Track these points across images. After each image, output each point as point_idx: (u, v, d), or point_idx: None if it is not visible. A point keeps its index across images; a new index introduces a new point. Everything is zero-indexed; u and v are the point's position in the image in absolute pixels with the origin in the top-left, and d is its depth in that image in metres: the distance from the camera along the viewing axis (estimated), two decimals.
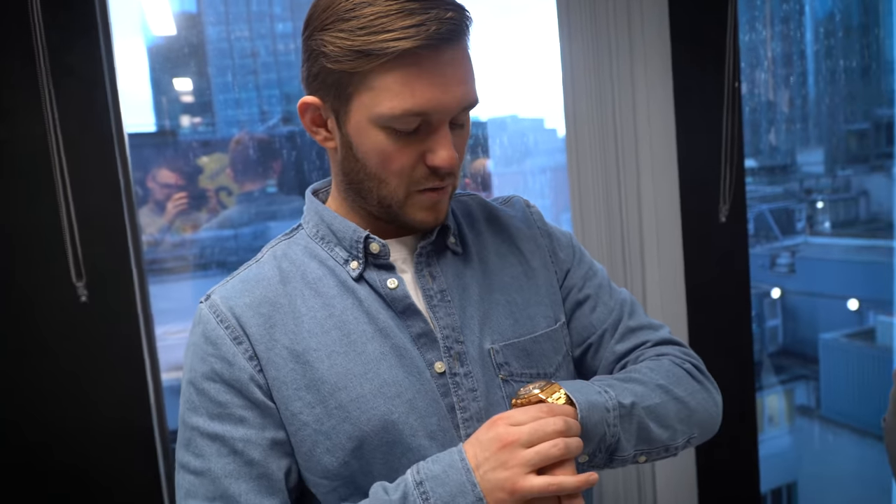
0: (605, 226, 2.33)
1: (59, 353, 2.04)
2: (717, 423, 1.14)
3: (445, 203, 1.03)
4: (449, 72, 0.92)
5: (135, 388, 2.09)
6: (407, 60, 0.90)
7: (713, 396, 1.13)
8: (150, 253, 2.92)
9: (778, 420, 4.68)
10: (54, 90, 1.96)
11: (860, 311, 4.45)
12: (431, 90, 0.91)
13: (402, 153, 0.95)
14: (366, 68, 0.91)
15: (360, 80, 0.92)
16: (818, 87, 4.05)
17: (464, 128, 1.01)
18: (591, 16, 2.24)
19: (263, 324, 1.01)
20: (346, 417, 0.98)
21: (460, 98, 0.94)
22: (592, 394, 0.97)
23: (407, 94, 0.91)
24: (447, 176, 0.99)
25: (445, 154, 0.95)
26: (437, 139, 0.95)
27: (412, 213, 1.00)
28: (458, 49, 0.94)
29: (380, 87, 0.92)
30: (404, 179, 0.97)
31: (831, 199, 4.48)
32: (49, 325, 2.03)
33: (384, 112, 0.92)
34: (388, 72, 0.91)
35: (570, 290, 1.18)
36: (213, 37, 3.31)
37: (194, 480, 0.98)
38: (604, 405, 0.96)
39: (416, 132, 0.95)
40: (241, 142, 2.96)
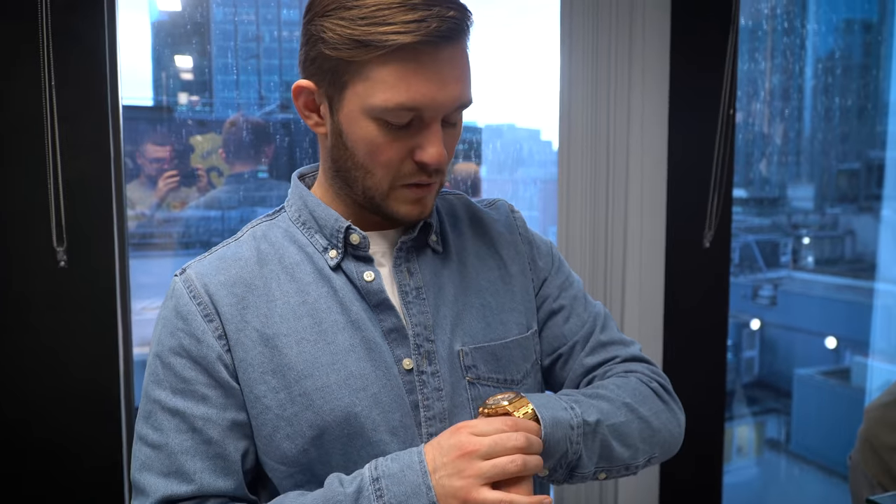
0: (590, 241, 2.34)
1: (33, 314, 2.03)
2: (679, 443, 1.14)
3: (431, 199, 1.03)
4: (446, 70, 0.92)
5: (105, 356, 2.08)
6: (405, 55, 0.90)
7: (677, 417, 1.13)
8: (138, 228, 2.91)
9: (746, 451, 4.69)
10: (53, 53, 1.95)
11: (837, 349, 4.47)
12: (427, 86, 0.91)
13: (392, 146, 0.95)
14: (363, 58, 0.91)
15: (357, 69, 0.92)
16: (813, 124, 4.07)
17: (456, 127, 1.01)
18: (592, 33, 2.25)
19: (236, 304, 1.00)
20: (309, 405, 0.97)
21: (455, 97, 0.94)
22: (559, 410, 0.97)
23: (402, 88, 0.91)
24: (435, 173, 0.99)
25: (435, 151, 0.95)
26: (427, 136, 0.95)
27: (395, 206, 1.00)
28: (457, 48, 0.94)
29: (375, 78, 0.91)
30: (390, 172, 0.97)
31: (818, 235, 4.51)
32: (26, 287, 2.02)
33: (377, 104, 0.92)
34: (385, 64, 0.90)
35: (546, 298, 1.18)
36: (218, 17, 3.31)
37: (151, 454, 0.98)
38: (568, 422, 0.96)
39: (408, 127, 0.94)
40: (236, 124, 2.96)
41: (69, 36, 1.98)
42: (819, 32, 3.96)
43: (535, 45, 2.34)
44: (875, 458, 1.75)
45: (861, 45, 3.99)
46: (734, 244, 4.53)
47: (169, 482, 0.96)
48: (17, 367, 2.04)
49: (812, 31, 3.94)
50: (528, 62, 2.80)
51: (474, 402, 1.04)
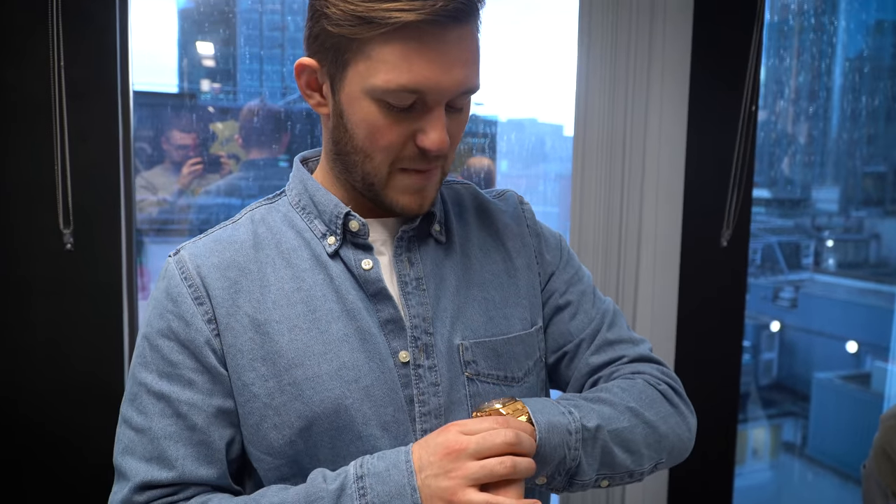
0: (603, 237, 2.32)
1: (37, 296, 2.05)
2: (689, 448, 1.10)
3: (432, 189, 1.00)
4: (452, 52, 0.89)
5: (109, 339, 2.10)
6: (408, 34, 0.86)
7: (687, 421, 1.09)
8: (161, 214, 2.94)
9: (762, 453, 4.65)
10: (63, 34, 1.96)
11: (858, 354, 4.41)
12: (430, 68, 0.88)
13: (392, 129, 0.92)
14: (365, 36, 0.88)
15: (359, 47, 0.89)
16: (840, 124, 4.02)
17: (462, 112, 0.97)
18: (611, 26, 2.24)
19: (228, 288, 0.99)
20: (299, 395, 0.95)
21: (460, 81, 0.91)
22: (555, 414, 0.94)
23: (404, 68, 0.88)
24: (435, 159, 0.96)
25: (437, 136, 0.92)
26: (430, 120, 0.92)
27: (395, 196, 0.97)
28: (465, 30, 0.90)
29: (377, 57, 0.88)
30: (390, 156, 0.94)
31: (842, 238, 4.45)
32: (31, 269, 2.04)
33: (378, 84, 0.89)
34: (388, 43, 0.87)
35: (553, 293, 1.15)
36: (244, 6, 3.33)
37: (134, 437, 0.96)
38: (566, 427, 0.93)
39: (410, 110, 0.91)
40: (254, 110, 2.97)
41: (80, 17, 1.98)
42: (849, 31, 3.90)
43: (559, 39, 2.33)
44: (890, 467, 1.73)
45: (891, 46, 3.93)
46: (756, 245, 4.50)
47: (150, 467, 0.95)
48: (21, 349, 2.06)
49: (841, 29, 3.89)
50: (552, 56, 2.78)
51: (472, 399, 1.02)
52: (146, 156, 2.95)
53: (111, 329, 2.09)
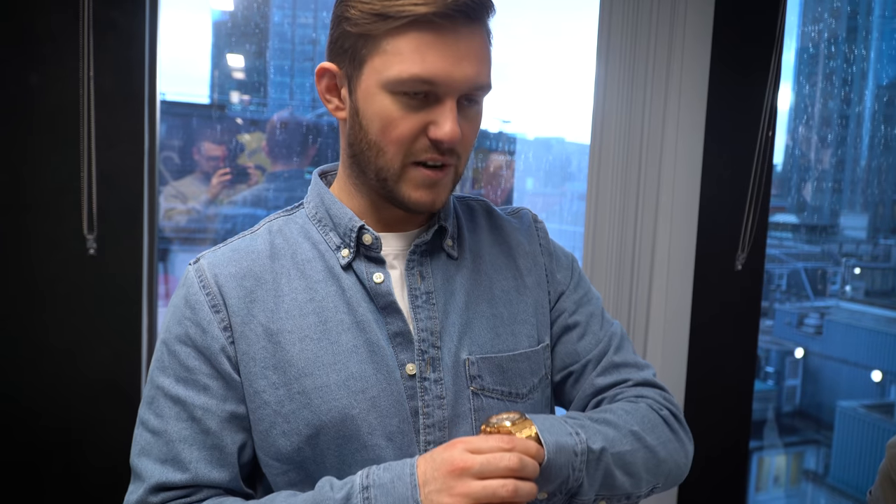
0: (616, 257, 2.32)
1: (60, 300, 2.10)
2: (685, 473, 1.11)
3: (445, 187, 1.02)
4: (462, 46, 0.93)
5: (128, 343, 2.14)
6: (422, 27, 0.91)
7: (685, 447, 1.10)
8: (189, 222, 2.99)
9: (782, 481, 4.60)
10: (93, 43, 2.01)
11: (883, 383, 4.35)
12: (443, 60, 0.92)
13: (405, 121, 0.95)
14: (381, 30, 0.92)
15: (374, 43, 0.94)
16: (871, 152, 3.99)
17: (474, 112, 1.01)
18: (630, 48, 2.25)
19: (244, 297, 1.01)
20: (307, 404, 0.98)
21: (470, 75, 0.94)
22: (563, 435, 0.95)
23: (417, 59, 0.92)
24: (448, 153, 0.98)
25: (449, 128, 0.94)
26: (442, 111, 0.95)
27: (408, 191, 0.99)
28: (476, 28, 0.95)
29: (392, 50, 0.93)
30: (402, 148, 0.97)
31: (869, 266, 4.40)
32: (54, 272, 2.08)
33: (393, 76, 0.93)
34: (402, 35, 0.92)
35: (562, 313, 1.16)
36: (277, 19, 3.38)
37: (150, 439, 1.00)
38: (572, 448, 0.94)
39: (423, 104, 0.95)
40: (282, 122, 3.02)
41: (110, 26, 2.03)
42: (879, 58, 3.88)
43: (585, 59, 2.35)
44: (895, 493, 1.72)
45: None
46: (782, 270, 4.47)
47: (165, 469, 0.98)
48: (41, 350, 2.10)
49: (872, 58, 3.86)
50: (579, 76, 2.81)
51: (477, 413, 1.03)
52: (174, 165, 3.01)
53: (130, 334, 2.13)
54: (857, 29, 3.89)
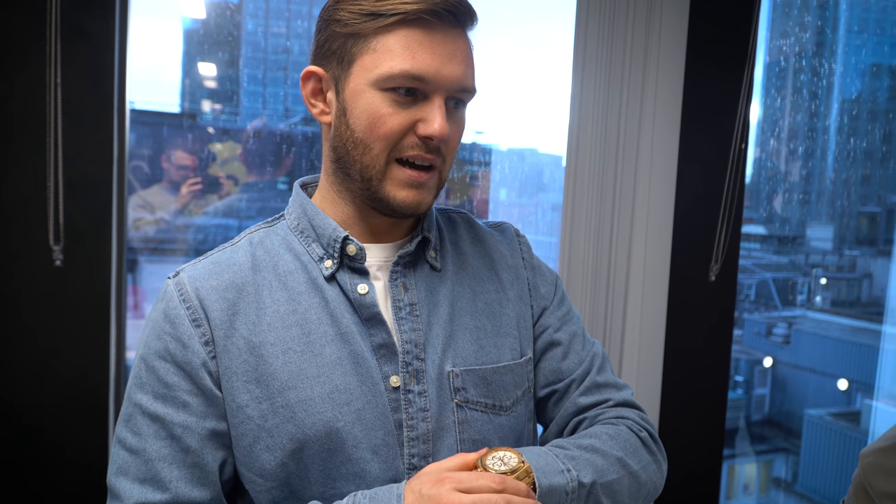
0: (592, 268, 2.34)
1: (26, 311, 2.05)
2: (660, 491, 1.14)
3: (430, 189, 1.03)
4: (451, 46, 0.96)
5: (97, 356, 2.10)
6: (411, 24, 0.94)
7: (661, 467, 1.13)
8: (158, 233, 2.95)
9: (752, 489, 4.64)
10: (61, 49, 1.98)
11: (849, 391, 4.42)
12: (432, 58, 0.95)
13: (393, 118, 0.96)
14: (371, 28, 0.95)
15: (364, 41, 0.96)
16: (836, 164, 4.05)
17: (459, 115, 1.02)
18: (606, 59, 2.27)
19: (227, 310, 1.00)
20: (291, 418, 0.97)
21: (459, 75, 0.97)
22: (555, 474, 0.96)
23: (408, 56, 0.94)
24: (434, 152, 0.99)
25: (439, 124, 0.96)
26: (431, 109, 0.97)
27: (393, 191, 1.00)
28: (462, 33, 0.98)
29: (382, 48, 0.95)
30: (388, 145, 0.98)
31: (835, 276, 4.47)
32: (20, 283, 2.04)
33: (383, 72, 0.95)
34: (392, 33, 0.94)
35: (546, 328, 1.17)
36: (250, 28, 3.36)
37: (128, 458, 0.98)
38: (563, 489, 0.95)
39: (412, 101, 0.96)
40: (255, 132, 2.99)
41: (78, 33, 2.00)
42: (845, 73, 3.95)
43: (561, 73, 2.36)
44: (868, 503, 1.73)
45: (886, 89, 3.97)
46: (751, 280, 4.52)
47: (144, 489, 0.96)
48: (8, 364, 2.05)
49: (838, 72, 3.93)
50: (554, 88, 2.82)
51: (461, 426, 1.03)
52: (143, 174, 2.97)
53: (98, 347, 2.09)
54: (825, 43, 3.96)
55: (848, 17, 4.00)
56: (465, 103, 1.03)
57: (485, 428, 1.06)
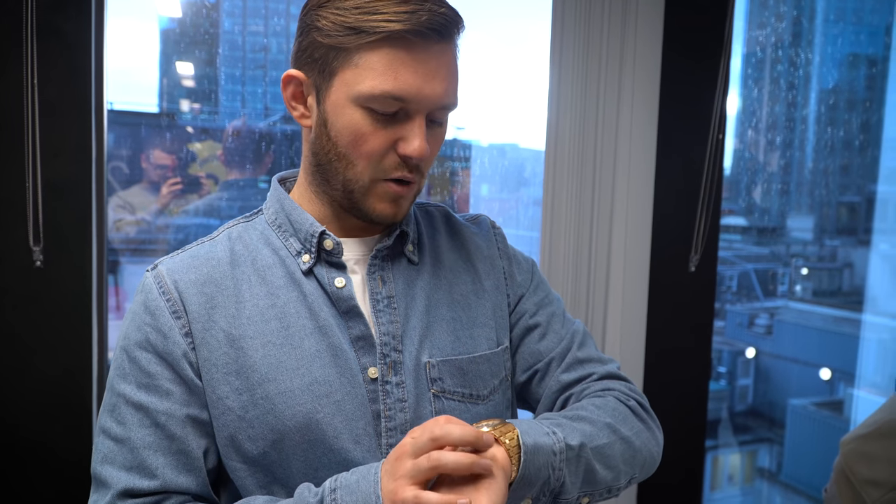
0: (573, 261, 2.35)
1: (6, 312, 2.05)
2: (658, 462, 1.13)
3: (408, 201, 1.04)
4: (434, 64, 0.95)
5: (78, 357, 2.10)
6: (395, 43, 0.93)
7: (656, 436, 1.13)
8: (139, 234, 2.94)
9: (737, 479, 4.67)
10: (37, 50, 1.97)
11: (832, 381, 4.45)
12: (414, 77, 0.94)
13: (375, 136, 0.96)
14: (354, 45, 0.93)
15: (346, 56, 0.95)
16: (815, 155, 4.08)
17: (440, 129, 1.02)
18: (582, 54, 2.28)
19: (205, 303, 1.01)
20: (271, 409, 0.98)
21: (440, 93, 0.96)
22: (540, 435, 0.95)
23: (390, 76, 0.93)
24: (415, 169, 1.00)
25: (418, 144, 0.96)
26: (412, 128, 0.96)
27: (373, 204, 1.01)
28: (447, 47, 0.97)
29: (364, 65, 0.94)
30: (372, 164, 0.98)
31: (816, 266, 4.50)
32: (1, 285, 2.04)
33: (364, 91, 0.94)
34: (375, 51, 0.93)
35: (522, 315, 1.18)
36: (227, 27, 3.35)
37: (113, 447, 0.98)
38: (550, 448, 0.95)
39: (393, 119, 0.96)
40: (235, 131, 2.99)
41: (54, 34, 1.99)
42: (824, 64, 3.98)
43: (539, 67, 2.37)
44: (851, 491, 1.74)
45: (864, 78, 4.00)
46: (732, 272, 4.54)
47: (131, 476, 0.96)
48: None
49: (816, 62, 3.96)
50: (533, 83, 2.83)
51: (438, 416, 1.03)
52: (123, 175, 2.95)
53: (80, 348, 2.09)
54: (802, 33, 3.98)
55: (825, 6, 4.02)
56: (447, 117, 1.03)
57: (462, 417, 1.05)
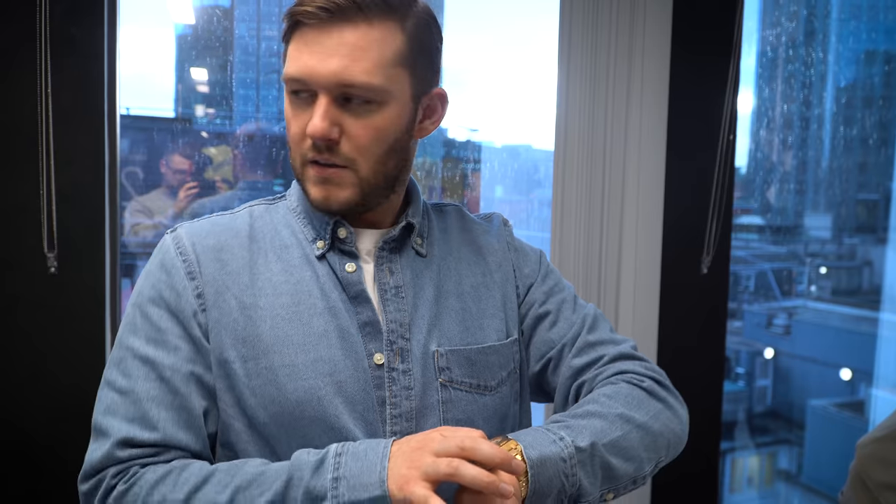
0: (583, 263, 2.33)
1: (21, 318, 2.06)
2: (684, 439, 1.11)
3: (341, 186, 1.02)
4: (332, 44, 0.96)
5: (92, 363, 2.10)
6: (301, 28, 0.97)
7: (678, 413, 1.10)
8: (156, 238, 2.96)
9: (756, 481, 4.64)
10: (51, 58, 1.99)
11: (852, 381, 4.41)
12: (310, 57, 0.96)
13: (294, 120, 1.01)
14: (286, 36, 1.00)
15: (285, 47, 1.01)
16: (832, 153, 4.05)
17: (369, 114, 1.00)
18: (591, 55, 2.27)
19: (220, 269, 1.04)
20: (273, 380, 0.99)
21: (336, 70, 0.96)
22: (546, 445, 0.94)
23: (294, 59, 0.98)
24: (327, 151, 1.00)
25: (315, 122, 0.97)
26: (315, 108, 0.98)
27: (308, 188, 1.04)
28: (348, 26, 0.96)
29: (287, 53, 1.00)
30: (297, 149, 1.02)
31: (834, 265, 4.46)
32: (15, 291, 2.05)
33: (284, 77, 0.99)
34: (291, 40, 0.99)
35: (532, 304, 1.18)
36: (242, 32, 3.38)
37: (117, 398, 0.99)
38: (558, 456, 0.93)
39: (306, 103, 1.00)
40: (247, 135, 3.01)
41: (67, 42, 2.01)
42: (839, 61, 3.95)
43: (550, 68, 2.37)
44: (867, 495, 1.72)
45: (881, 74, 3.97)
46: (749, 271, 4.52)
47: (132, 427, 0.97)
48: (3, 370, 2.06)
49: (832, 59, 3.93)
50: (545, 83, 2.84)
51: (445, 406, 1.04)
52: (139, 180, 2.99)
53: (94, 353, 2.10)
54: (815, 32, 3.96)
55: (839, 4, 4.00)
56: (374, 101, 1.00)
57: (469, 408, 1.07)
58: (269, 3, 3.45)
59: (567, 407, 1.12)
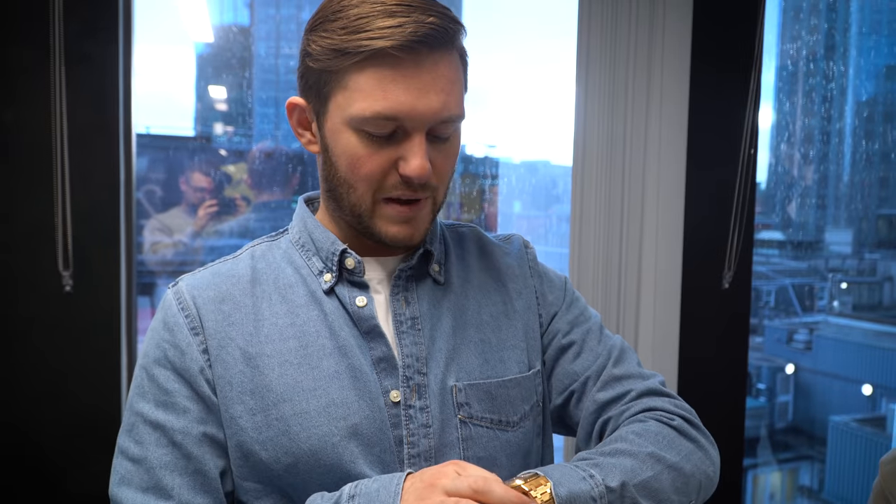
0: (602, 279, 2.32)
1: (37, 337, 2.07)
2: (716, 482, 1.06)
3: (422, 220, 1.00)
4: (426, 78, 0.90)
5: (108, 382, 2.11)
6: (381, 61, 0.88)
7: (709, 455, 1.05)
8: (176, 255, 2.97)
9: (778, 498, 4.59)
10: (66, 76, 2.00)
11: (874, 396, 4.36)
12: (406, 94, 0.89)
13: (373, 158, 0.93)
14: (341, 66, 0.90)
15: (337, 79, 0.91)
16: (853, 168, 4.03)
17: (449, 142, 0.97)
18: (610, 69, 2.26)
19: (222, 321, 0.99)
20: (286, 431, 0.95)
21: (436, 107, 0.91)
22: (576, 482, 0.90)
23: (379, 95, 0.89)
24: (422, 189, 0.96)
25: (417, 163, 0.91)
26: (410, 147, 0.92)
27: (383, 227, 0.97)
28: (441, 56, 0.91)
29: (353, 87, 0.90)
30: (372, 186, 0.94)
31: (855, 280, 4.42)
32: (31, 310, 2.05)
33: (356, 113, 0.90)
34: (362, 71, 0.89)
35: (556, 334, 1.13)
36: (260, 51, 3.40)
37: (130, 468, 0.97)
38: (589, 495, 0.89)
39: (391, 138, 0.92)
40: (264, 153, 3.02)
41: (83, 60, 2.02)
42: (859, 76, 3.93)
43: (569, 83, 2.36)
44: None
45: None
46: (770, 287, 4.49)
47: (147, 498, 0.95)
48: (20, 389, 2.06)
49: (851, 74, 3.91)
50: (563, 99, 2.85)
51: (465, 443, 1.00)
52: (157, 198, 3.00)
53: (110, 371, 2.10)
54: (836, 46, 3.94)
55: (859, 19, 3.98)
56: (452, 129, 0.97)
57: (491, 444, 1.02)
58: (288, 21, 3.48)
59: (591, 443, 1.08)
